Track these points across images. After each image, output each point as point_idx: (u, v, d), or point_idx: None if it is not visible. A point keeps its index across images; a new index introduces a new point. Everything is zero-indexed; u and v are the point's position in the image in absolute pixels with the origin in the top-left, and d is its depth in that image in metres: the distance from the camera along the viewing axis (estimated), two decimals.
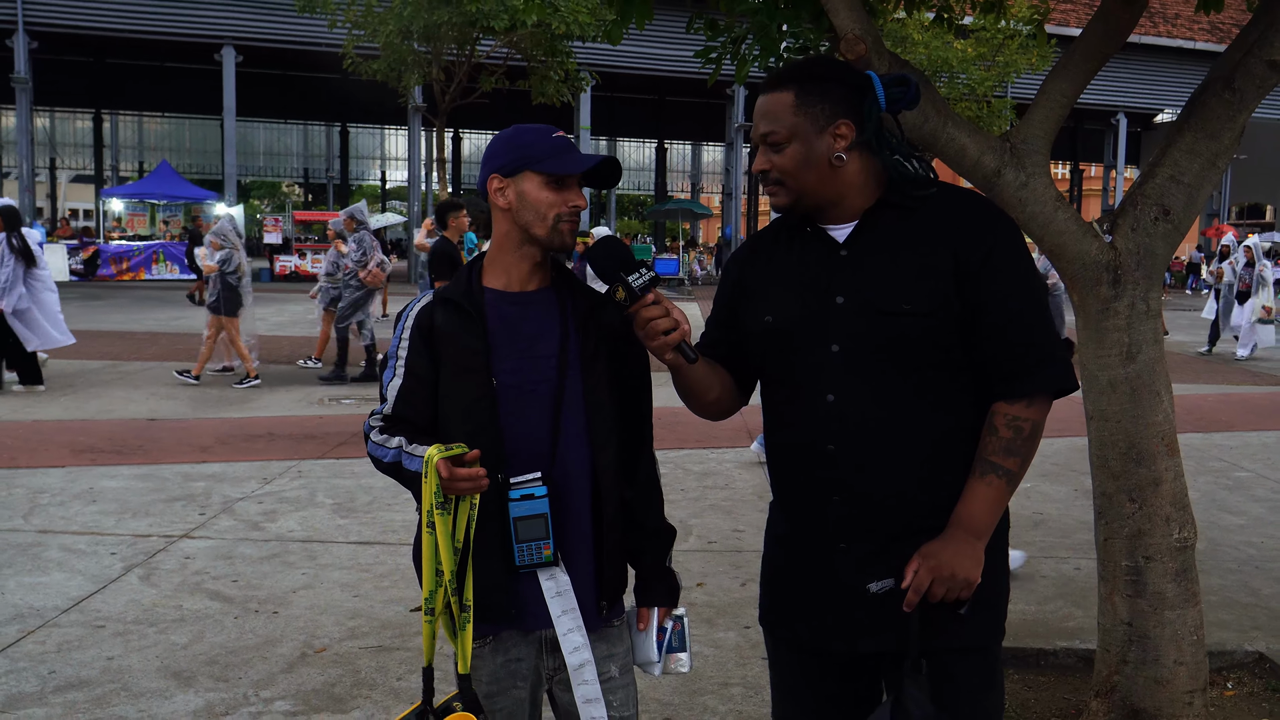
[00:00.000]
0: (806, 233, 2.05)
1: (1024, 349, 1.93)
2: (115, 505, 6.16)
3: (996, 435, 1.93)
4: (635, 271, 1.90)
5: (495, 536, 2.01)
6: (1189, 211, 3.10)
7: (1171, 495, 3.11)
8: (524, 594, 2.05)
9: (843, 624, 2.01)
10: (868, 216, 1.99)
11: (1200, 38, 32.75)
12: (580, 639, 2.04)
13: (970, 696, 2.00)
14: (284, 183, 55.16)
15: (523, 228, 2.05)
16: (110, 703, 3.65)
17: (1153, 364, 3.09)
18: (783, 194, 1.99)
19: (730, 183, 34.32)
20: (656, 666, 2.19)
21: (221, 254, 10.80)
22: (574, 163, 2.04)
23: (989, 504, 1.91)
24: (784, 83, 1.98)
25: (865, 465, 1.95)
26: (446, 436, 2.03)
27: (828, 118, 1.95)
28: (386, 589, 4.84)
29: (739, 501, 6.52)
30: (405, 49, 15.95)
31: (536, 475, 2.01)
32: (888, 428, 1.94)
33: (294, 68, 34.32)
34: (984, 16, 4.67)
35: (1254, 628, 4.55)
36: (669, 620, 2.18)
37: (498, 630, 2.09)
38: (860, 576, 1.97)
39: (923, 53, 19.33)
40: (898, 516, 1.96)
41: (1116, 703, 3.18)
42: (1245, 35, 3.09)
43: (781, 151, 1.96)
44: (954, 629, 1.96)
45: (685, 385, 2.06)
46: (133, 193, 32.99)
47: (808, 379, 1.99)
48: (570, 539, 2.06)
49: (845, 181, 1.98)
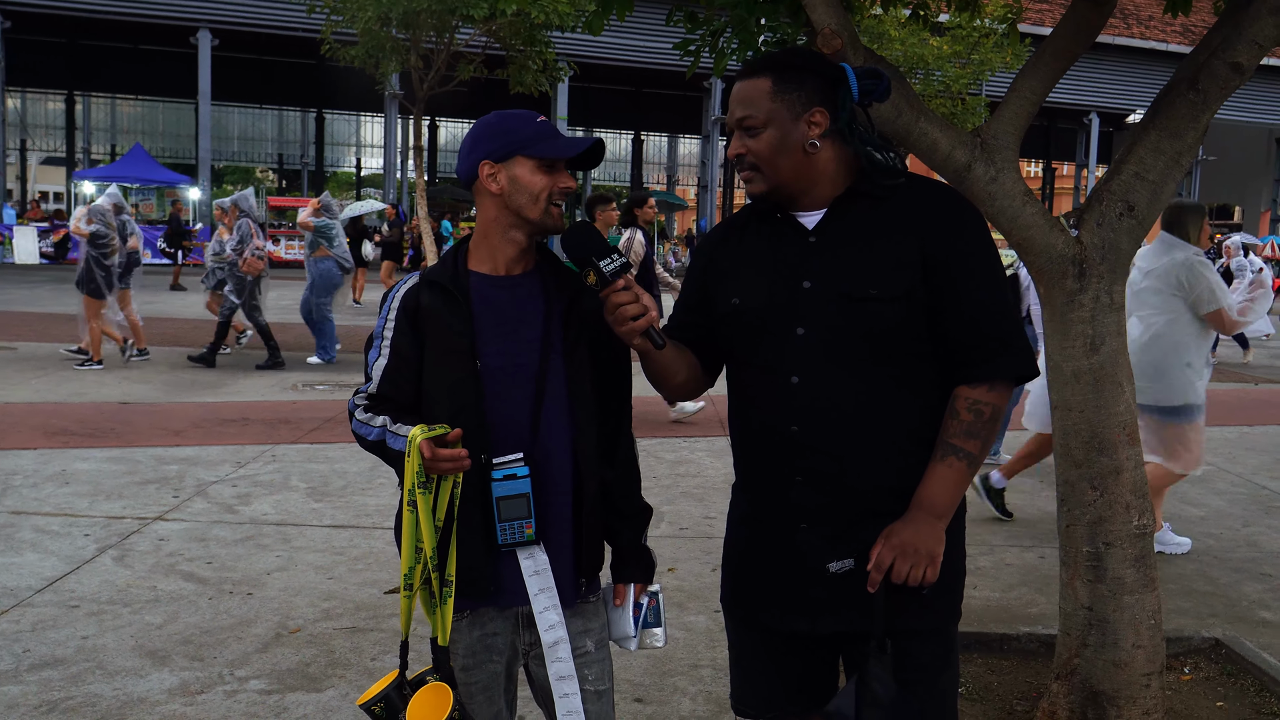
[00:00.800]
0: (777, 219, 2.10)
1: (987, 337, 1.99)
2: (88, 487, 6.16)
3: (958, 418, 1.99)
4: (606, 257, 1.94)
5: (477, 516, 2.05)
6: (1153, 208, 3.19)
7: (1132, 484, 3.19)
8: (502, 572, 2.10)
9: (803, 604, 2.06)
10: (837, 204, 2.04)
11: (1173, 40, 33.11)
12: (555, 617, 2.09)
13: (928, 675, 2.06)
14: (258, 168, 54.72)
15: (515, 211, 2.09)
16: (85, 681, 3.68)
17: (1115, 355, 3.17)
18: (758, 180, 2.04)
19: (706, 175, 34.39)
20: (633, 641, 2.23)
21: (94, 228, 10.76)
22: (565, 146, 2.09)
23: (949, 485, 1.97)
24: (761, 70, 2.03)
25: (828, 447, 2.00)
26: (430, 417, 2.07)
27: (803, 105, 2.00)
28: (360, 571, 4.88)
29: (710, 489, 6.59)
30: (384, 36, 15.87)
31: (518, 456, 2.05)
32: (851, 410, 1.99)
33: (270, 52, 34.06)
34: (960, 14, 4.74)
35: (1211, 615, 4.67)
36: (644, 596, 2.24)
37: (475, 606, 2.14)
38: (821, 557, 2.03)
39: (899, 49, 19.44)
40: (859, 498, 2.01)
41: (1076, 685, 3.26)
42: (1210, 38, 3.17)
43: (757, 136, 2.01)
44: (913, 611, 2.02)
45: (653, 370, 2.11)
46: (105, 175, 32.59)
47: (773, 361, 2.04)
48: (550, 519, 2.10)
49: (818, 169, 2.03)
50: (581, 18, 14.85)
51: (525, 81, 17.37)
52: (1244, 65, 3.08)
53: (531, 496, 2.04)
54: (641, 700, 3.66)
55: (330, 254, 11.64)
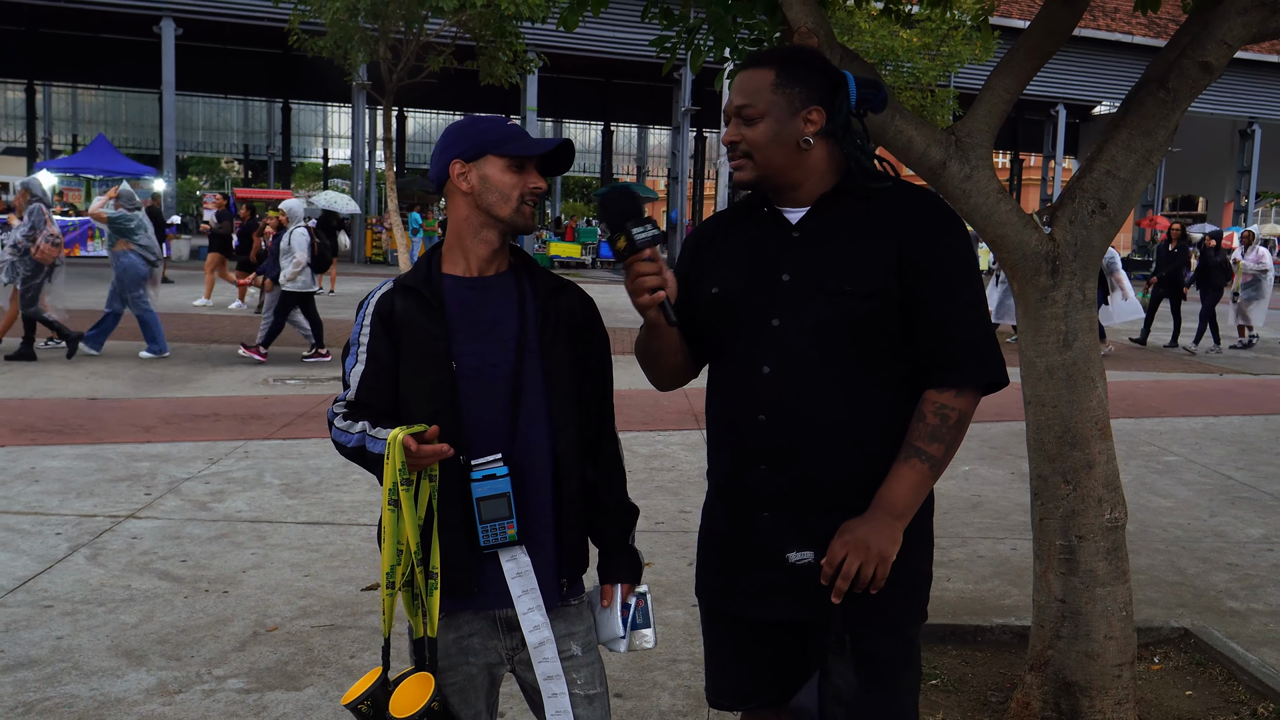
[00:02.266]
0: (764, 213, 2.14)
1: (959, 343, 2.02)
2: (58, 485, 6.10)
3: (924, 421, 2.01)
4: (641, 225, 1.95)
5: (459, 518, 2.06)
6: (1124, 205, 3.23)
7: (1104, 477, 3.24)
8: (484, 574, 2.10)
9: (762, 590, 2.09)
10: (822, 201, 2.08)
11: (1138, 32, 33.42)
12: (540, 618, 2.09)
13: (886, 673, 2.09)
14: (223, 159, 54.16)
15: (485, 210, 2.10)
16: (61, 681, 3.65)
17: (1088, 351, 3.22)
18: (749, 168, 2.07)
19: (676, 166, 34.38)
20: (622, 643, 2.22)
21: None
22: (534, 145, 2.11)
23: (910, 487, 2.00)
24: (766, 62, 2.07)
25: (793, 437, 2.03)
26: (408, 420, 2.07)
27: (802, 101, 2.03)
28: (337, 569, 4.86)
29: (685, 483, 6.62)
30: (352, 26, 15.73)
31: (497, 456, 2.06)
32: (819, 403, 2.02)
33: (235, 42, 33.68)
34: (930, 8, 4.78)
35: (1180, 605, 4.75)
36: (632, 597, 2.22)
37: (453, 608, 2.14)
38: (781, 545, 2.06)
39: (869, 41, 19.50)
40: (821, 490, 2.04)
41: (1049, 676, 3.32)
42: (1179, 37, 3.22)
43: (754, 126, 2.04)
44: (869, 608, 2.03)
45: (655, 347, 2.13)
46: (67, 166, 32.19)
47: (747, 350, 2.07)
48: (532, 518, 2.11)
49: (808, 165, 2.06)
50: (552, 9, 14.80)
51: (495, 73, 17.29)
52: (1213, 65, 3.13)
53: (512, 496, 2.04)
54: (621, 695, 3.68)
55: (132, 247, 11.10)
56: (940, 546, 5.08)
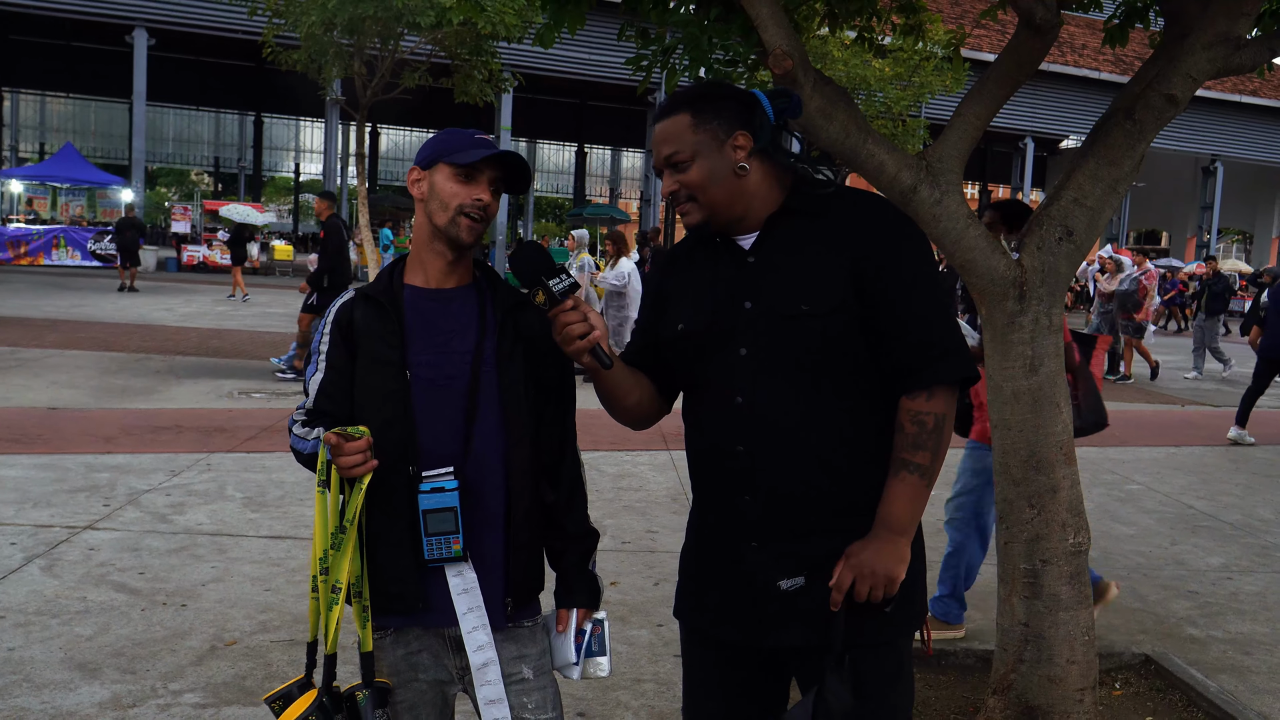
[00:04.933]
0: (717, 244, 2.13)
1: (925, 346, 2.01)
2: (15, 495, 5.99)
3: (903, 432, 2.01)
4: (555, 277, 1.96)
5: (405, 529, 2.03)
6: (1090, 233, 3.28)
7: (1068, 502, 3.27)
8: (431, 591, 2.06)
9: (752, 619, 2.07)
10: (770, 223, 2.08)
11: (1105, 68, 33.99)
12: (485, 638, 2.06)
13: (880, 689, 2.08)
14: (193, 171, 53.74)
15: (429, 218, 2.10)
16: (11, 694, 3.58)
17: (1054, 376, 3.25)
18: (695, 211, 2.07)
19: (649, 189, 34.50)
20: (575, 669, 2.18)
21: None
22: (474, 154, 2.07)
23: (906, 501, 1.99)
24: (677, 107, 2.07)
25: (773, 464, 2.02)
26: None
27: (725, 131, 2.04)
28: (299, 583, 4.80)
29: (652, 503, 6.61)
30: (327, 41, 15.66)
31: (449, 469, 2.04)
32: (794, 428, 2.01)
33: (208, 54, 33.54)
34: (903, 38, 4.83)
35: (1141, 632, 4.78)
36: (588, 623, 2.19)
37: (400, 624, 2.11)
38: (771, 573, 2.04)
39: (842, 69, 19.70)
40: (806, 514, 2.03)
41: (1012, 700, 3.33)
42: (1146, 70, 3.28)
43: (687, 170, 2.04)
44: (869, 626, 2.04)
45: (604, 390, 2.13)
46: (33, 174, 31.84)
47: (718, 382, 2.07)
48: (481, 535, 2.08)
49: (750, 191, 2.06)
50: (528, 29, 14.83)
51: (470, 91, 17.28)
52: (1178, 97, 3.18)
53: (459, 511, 2.01)
54: (584, 715, 3.65)
55: None
56: None
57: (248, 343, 13.78)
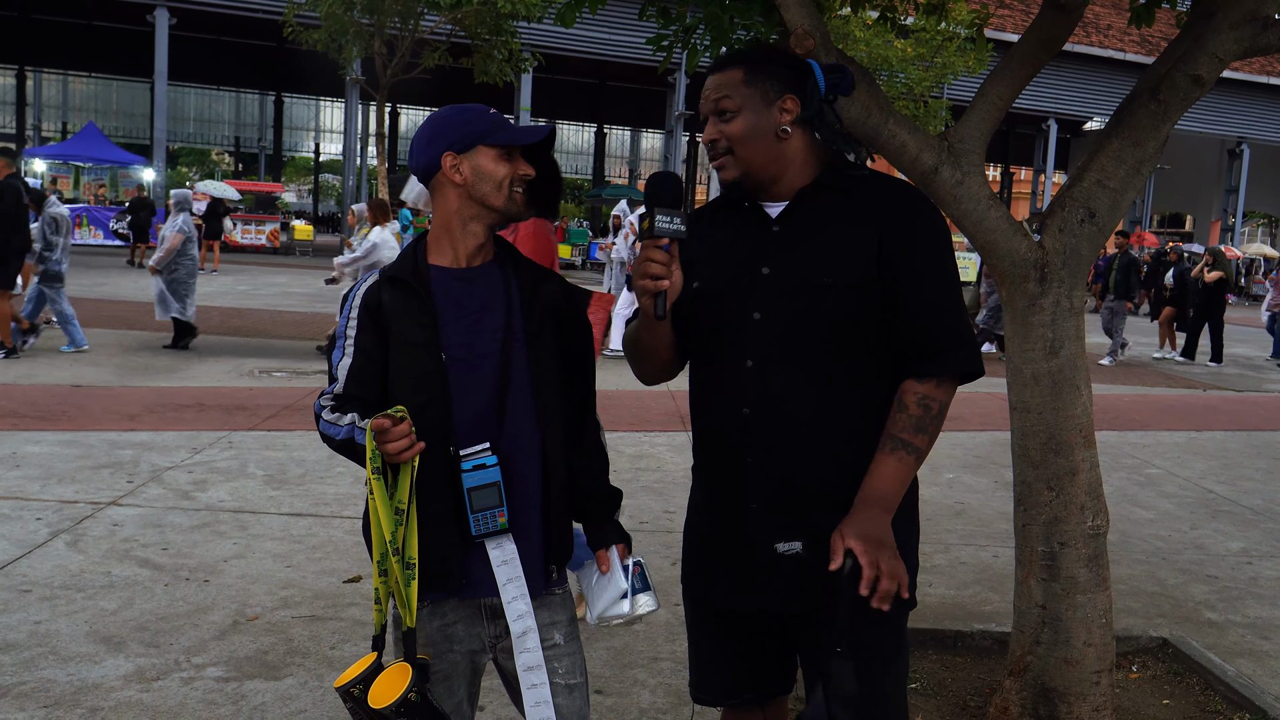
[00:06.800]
0: (744, 208, 2.15)
1: (937, 332, 2.02)
2: (40, 471, 6.06)
3: (906, 413, 2.01)
4: (668, 215, 1.97)
5: (449, 508, 2.05)
6: (1113, 215, 3.25)
7: (1087, 485, 3.26)
8: (471, 564, 2.10)
9: (752, 583, 2.09)
10: (802, 195, 2.09)
11: (1130, 49, 33.64)
12: (524, 607, 2.09)
13: (879, 663, 2.09)
14: (214, 150, 53.95)
15: (479, 201, 2.11)
16: (38, 666, 3.63)
17: (1074, 359, 3.24)
18: (731, 165, 2.08)
19: (668, 170, 34.42)
20: (625, 603, 2.15)
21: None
22: (524, 134, 2.12)
23: (897, 479, 1.99)
24: (733, 62, 2.09)
25: (779, 430, 2.04)
26: None
27: (775, 92, 2.05)
28: (319, 560, 4.85)
29: (670, 484, 6.63)
30: (348, 20, 15.71)
31: (485, 446, 2.06)
32: (802, 395, 2.03)
33: (229, 33, 33.62)
34: (926, 18, 4.80)
35: (1159, 615, 4.77)
36: (629, 559, 2.20)
37: (438, 597, 2.14)
38: (769, 536, 2.06)
39: (863, 50, 19.58)
40: (808, 481, 2.04)
41: (1029, 682, 3.33)
42: (1171, 50, 3.24)
43: (731, 121, 2.05)
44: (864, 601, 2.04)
45: (644, 343, 2.15)
46: (56, 154, 32.03)
47: (730, 345, 2.08)
48: (519, 507, 2.11)
49: (788, 156, 2.07)
50: (548, 8, 14.81)
51: (490, 71, 17.30)
52: (1204, 78, 3.15)
53: (502, 485, 2.04)
54: (601, 692, 3.68)
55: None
56: (923, 552, 5.10)
57: (269, 322, 13.87)
